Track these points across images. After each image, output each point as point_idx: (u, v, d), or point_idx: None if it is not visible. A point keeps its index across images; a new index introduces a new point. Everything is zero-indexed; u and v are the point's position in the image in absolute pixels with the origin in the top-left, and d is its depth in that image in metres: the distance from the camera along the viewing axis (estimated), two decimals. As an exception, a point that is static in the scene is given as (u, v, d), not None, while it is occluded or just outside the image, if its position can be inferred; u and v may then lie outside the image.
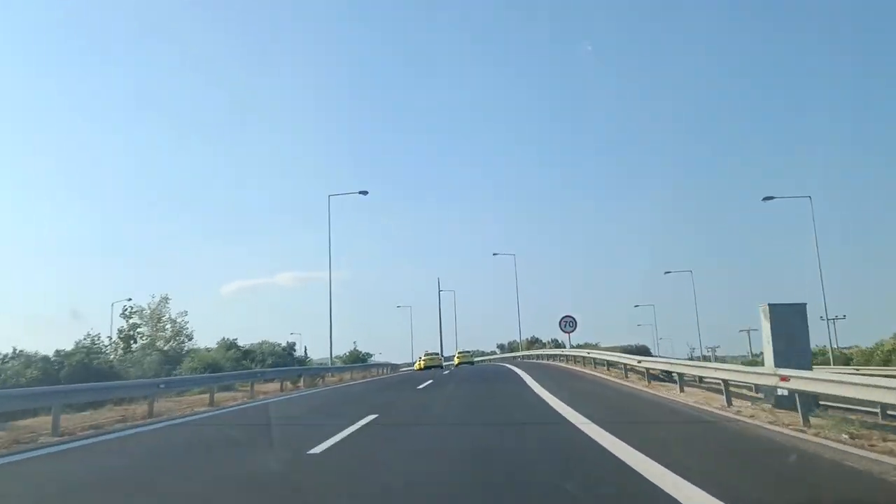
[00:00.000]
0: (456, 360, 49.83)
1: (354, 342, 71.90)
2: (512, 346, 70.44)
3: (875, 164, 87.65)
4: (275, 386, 22.07)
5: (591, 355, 24.33)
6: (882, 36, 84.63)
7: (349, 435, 8.38)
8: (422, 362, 47.10)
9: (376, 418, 10.46)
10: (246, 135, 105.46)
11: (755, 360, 61.92)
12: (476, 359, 61.78)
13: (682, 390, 13.87)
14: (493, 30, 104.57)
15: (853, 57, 77.81)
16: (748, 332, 73.50)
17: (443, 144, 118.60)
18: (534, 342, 63.36)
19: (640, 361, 16.96)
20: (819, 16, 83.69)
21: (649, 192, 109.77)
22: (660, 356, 33.10)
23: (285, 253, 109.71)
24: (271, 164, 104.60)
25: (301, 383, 23.29)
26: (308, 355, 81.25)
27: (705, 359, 60.45)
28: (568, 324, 34.04)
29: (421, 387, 18.82)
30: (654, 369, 16.75)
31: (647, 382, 16.44)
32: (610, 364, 21.79)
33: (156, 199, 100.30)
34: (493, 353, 74.99)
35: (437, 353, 52.18)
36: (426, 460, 6.71)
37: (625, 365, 18.90)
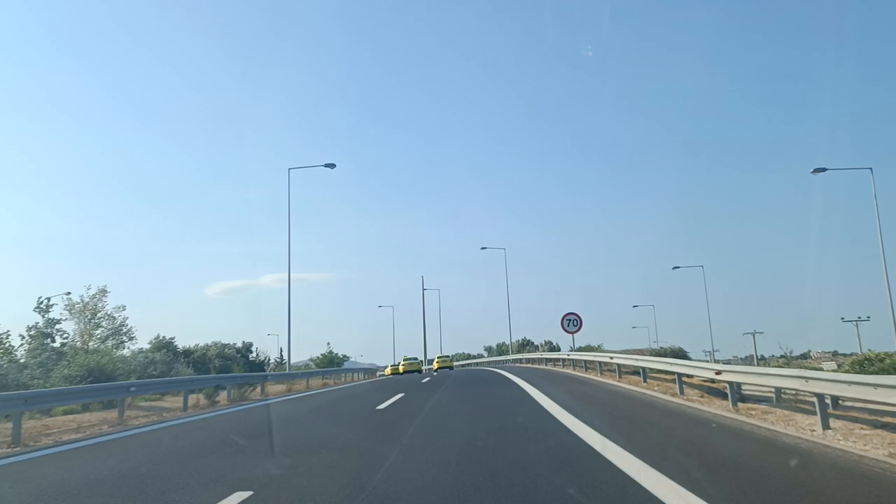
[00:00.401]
0: (435, 365, 47.33)
1: (328, 343, 65.68)
2: (501, 349, 64.33)
3: (875, 168, 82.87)
4: (192, 400, 15.80)
5: (615, 360, 18.27)
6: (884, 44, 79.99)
7: None
8: (400, 367, 45.43)
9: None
10: (231, 135, 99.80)
11: (779, 364, 56.23)
12: (461, 363, 58.22)
13: (827, 426, 7.87)
14: (489, 33, 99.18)
15: (855, 61, 72.72)
16: (753, 335, 68.12)
17: (437, 146, 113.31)
18: (525, 344, 57.36)
19: (719, 372, 10.91)
20: (823, 19, 79.00)
21: (648, 192, 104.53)
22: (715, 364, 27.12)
23: (271, 254, 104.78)
24: (256, 164, 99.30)
25: (223, 397, 17.02)
26: (283, 357, 74.58)
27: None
28: (572, 322, 28.09)
29: (382, 406, 12.71)
30: (748, 384, 10.72)
31: (730, 406, 10.42)
32: (646, 373, 15.79)
33: (140, 199, 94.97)
34: (481, 356, 68.81)
35: (416, 359, 49.36)
36: None
37: (679, 375, 12.90)
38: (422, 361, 53.86)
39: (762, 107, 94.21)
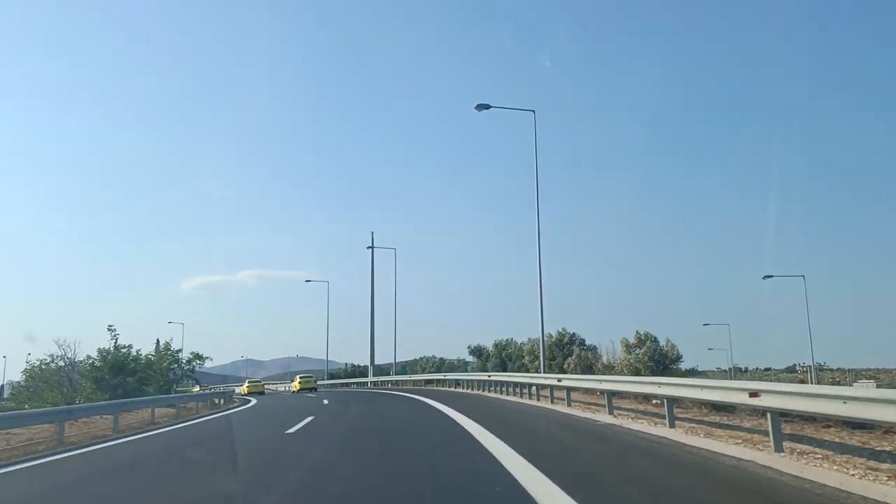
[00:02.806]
0: (296, 385, 40.66)
1: (110, 329, 31.78)
2: (504, 351, 33.19)
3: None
4: None
5: None
6: None
7: None
8: (245, 388, 41.78)
9: None
10: (213, 134, 73.24)
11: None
12: (426, 377, 30.60)
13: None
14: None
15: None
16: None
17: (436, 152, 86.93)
18: (567, 342, 26.85)
19: None
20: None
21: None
22: None
23: (246, 252, 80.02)
24: (235, 161, 73.16)
25: None
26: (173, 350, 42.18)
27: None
28: None
29: None
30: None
31: None
32: None
33: (122, 195, 70.22)
34: (465, 364, 38.13)
35: (260, 381, 48.35)
36: None
37: None
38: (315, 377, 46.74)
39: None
